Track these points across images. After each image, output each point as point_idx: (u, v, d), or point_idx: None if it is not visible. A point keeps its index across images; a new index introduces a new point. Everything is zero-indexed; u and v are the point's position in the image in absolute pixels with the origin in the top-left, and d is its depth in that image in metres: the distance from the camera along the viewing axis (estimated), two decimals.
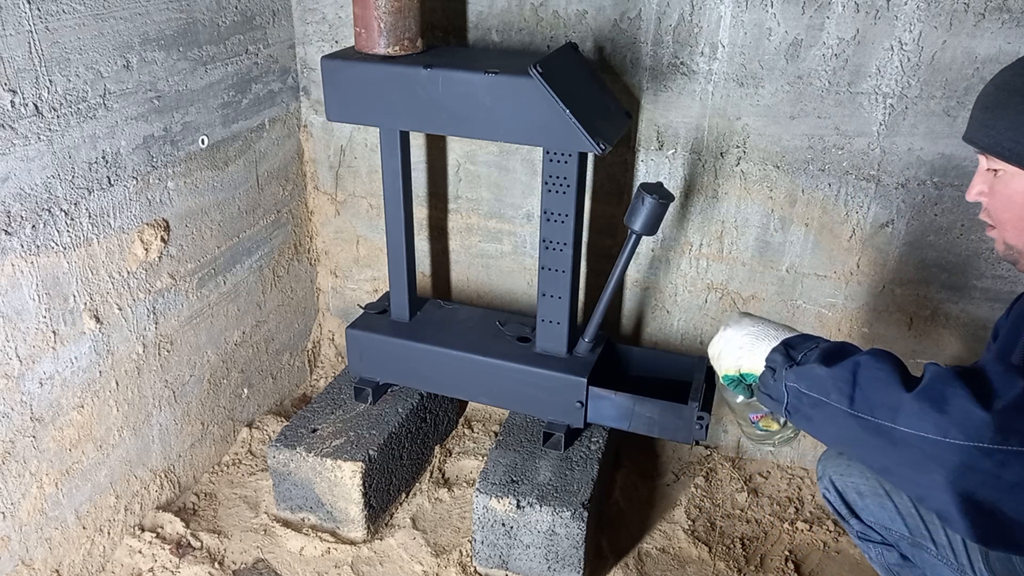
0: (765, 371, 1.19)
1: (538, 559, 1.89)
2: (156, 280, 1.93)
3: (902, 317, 2.03)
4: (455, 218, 2.36)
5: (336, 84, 1.82)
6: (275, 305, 2.43)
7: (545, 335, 1.98)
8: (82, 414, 1.80)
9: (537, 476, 1.91)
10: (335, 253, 2.57)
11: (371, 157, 2.37)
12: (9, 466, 1.65)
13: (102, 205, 1.74)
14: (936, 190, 1.88)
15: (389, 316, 2.15)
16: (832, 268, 2.04)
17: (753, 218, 2.06)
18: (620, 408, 1.90)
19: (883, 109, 1.84)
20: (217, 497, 2.19)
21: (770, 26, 1.85)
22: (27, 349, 1.64)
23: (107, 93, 1.70)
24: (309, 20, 2.25)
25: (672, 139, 2.05)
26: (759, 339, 1.23)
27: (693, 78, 1.96)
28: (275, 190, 2.32)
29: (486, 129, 1.75)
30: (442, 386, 2.11)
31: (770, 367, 1.18)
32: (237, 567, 1.97)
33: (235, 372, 2.30)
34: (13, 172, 1.53)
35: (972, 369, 1.00)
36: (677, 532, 2.11)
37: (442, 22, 2.10)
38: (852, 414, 1.04)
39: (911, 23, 1.75)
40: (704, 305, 2.21)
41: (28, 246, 1.59)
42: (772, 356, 1.18)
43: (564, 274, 1.90)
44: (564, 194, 1.81)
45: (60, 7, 1.55)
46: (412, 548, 2.03)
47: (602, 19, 1.97)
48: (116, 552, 1.97)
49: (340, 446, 2.00)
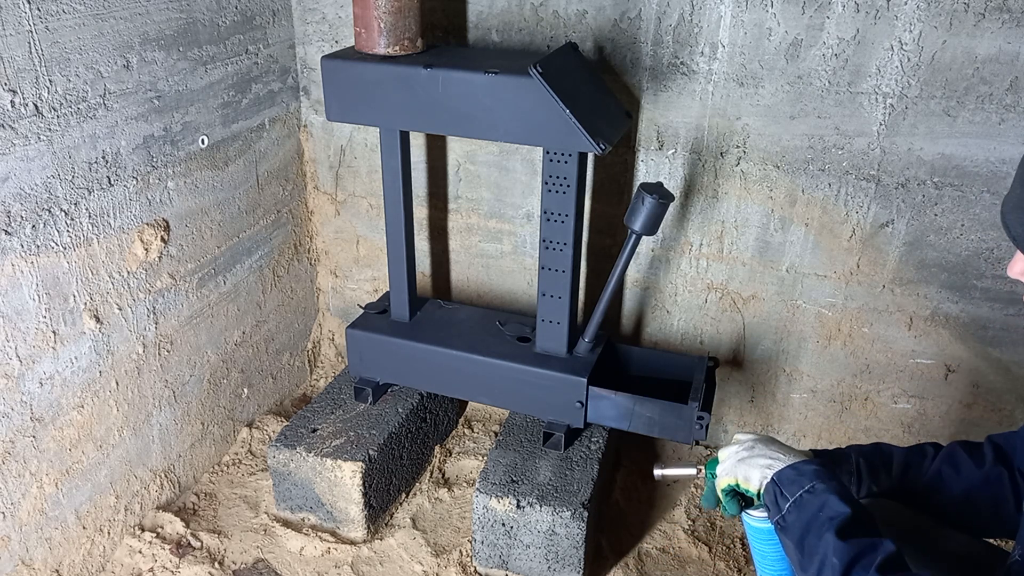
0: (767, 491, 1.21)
1: (538, 559, 1.89)
2: (156, 280, 1.93)
3: (902, 317, 2.03)
4: (455, 218, 2.36)
5: (336, 84, 1.82)
6: (275, 305, 2.43)
7: (545, 335, 1.98)
8: (82, 414, 1.80)
9: (537, 476, 1.91)
10: (335, 253, 2.57)
11: (371, 157, 2.37)
12: (9, 466, 1.65)
13: (102, 205, 1.74)
14: (936, 190, 1.88)
15: (389, 316, 2.15)
16: (832, 268, 2.04)
17: (753, 218, 2.06)
18: (620, 408, 1.90)
19: (883, 109, 1.84)
20: (217, 497, 2.19)
21: (770, 26, 1.85)
22: (27, 349, 1.64)
23: (107, 93, 1.70)
24: (309, 20, 2.25)
25: (672, 139, 2.05)
26: (753, 467, 1.24)
27: (693, 78, 1.96)
28: (275, 190, 2.32)
29: (486, 129, 1.75)
30: (442, 386, 2.11)
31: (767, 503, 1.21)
32: (237, 567, 1.97)
33: (235, 372, 2.30)
34: (13, 172, 1.53)
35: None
36: (677, 532, 2.11)
37: (442, 22, 2.10)
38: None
39: (911, 23, 1.75)
40: (704, 305, 2.21)
41: (28, 246, 1.59)
42: (767, 493, 1.20)
43: (564, 274, 1.90)
44: (564, 194, 1.81)
45: (60, 7, 1.55)
46: (412, 548, 2.03)
47: (602, 19, 1.97)
48: (116, 552, 1.97)
49: (340, 446, 2.00)
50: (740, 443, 1.29)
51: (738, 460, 1.26)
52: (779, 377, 2.23)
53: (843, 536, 1.06)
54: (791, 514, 1.14)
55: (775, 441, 1.28)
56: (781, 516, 1.15)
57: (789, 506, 1.14)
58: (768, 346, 2.20)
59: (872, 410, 2.16)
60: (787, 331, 2.16)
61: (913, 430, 2.15)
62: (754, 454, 1.25)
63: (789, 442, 2.31)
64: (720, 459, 1.31)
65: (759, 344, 2.21)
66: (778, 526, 1.17)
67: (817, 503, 1.11)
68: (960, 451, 1.32)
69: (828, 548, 1.06)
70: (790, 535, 1.13)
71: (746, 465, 1.24)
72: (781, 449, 1.25)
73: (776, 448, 1.25)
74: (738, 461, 1.26)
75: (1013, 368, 1.99)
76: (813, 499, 1.12)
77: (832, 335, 2.11)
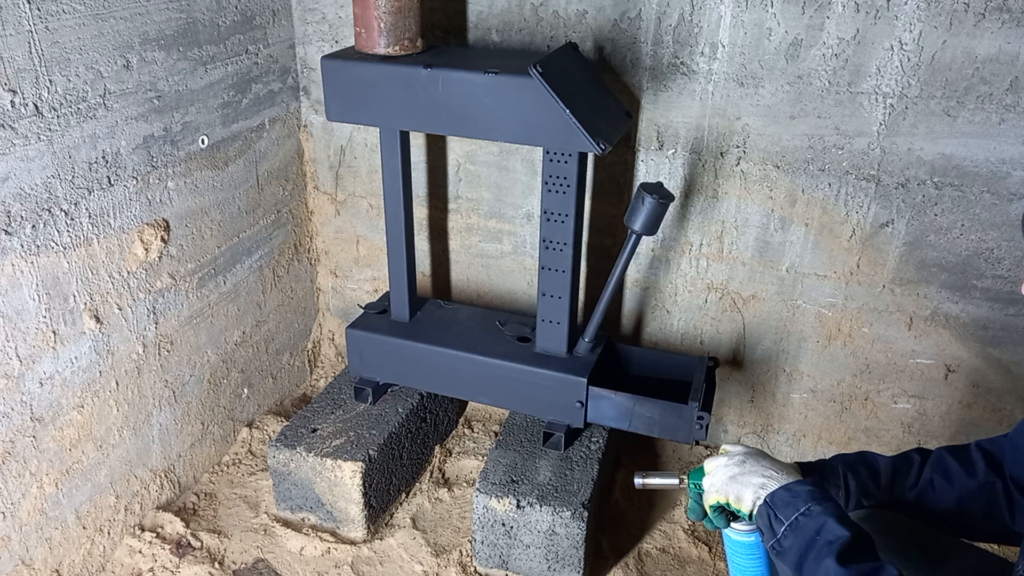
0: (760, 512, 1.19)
1: (538, 559, 1.89)
2: (156, 280, 1.93)
3: (902, 317, 2.03)
4: (455, 218, 2.36)
5: (336, 84, 1.82)
6: (275, 305, 2.43)
7: (545, 335, 1.98)
8: (82, 414, 1.80)
9: (537, 476, 1.91)
10: (335, 253, 2.57)
11: (371, 157, 2.37)
12: (9, 466, 1.65)
13: (102, 205, 1.74)
14: (936, 190, 1.88)
15: (389, 316, 2.15)
16: (832, 268, 2.04)
17: (753, 218, 2.06)
18: (620, 408, 1.90)
19: (883, 109, 1.84)
20: (217, 497, 2.19)
21: (770, 26, 1.85)
22: (27, 349, 1.64)
23: (107, 93, 1.70)
24: (309, 20, 2.25)
25: (672, 139, 2.05)
26: (745, 485, 1.21)
27: (693, 78, 1.96)
28: (275, 190, 2.32)
29: (486, 129, 1.75)
30: (442, 386, 2.11)
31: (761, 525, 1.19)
32: (237, 567, 1.97)
33: (235, 372, 2.30)
34: (13, 172, 1.53)
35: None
36: (677, 532, 2.11)
37: (442, 22, 2.10)
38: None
39: (911, 23, 1.75)
40: (704, 305, 2.21)
41: (28, 246, 1.59)
42: (760, 514, 1.18)
43: (564, 274, 1.90)
44: (564, 194, 1.81)
45: (60, 7, 1.55)
46: (412, 548, 2.03)
47: (602, 19, 1.97)
48: (116, 552, 1.97)
49: (340, 446, 2.00)
50: (729, 456, 1.26)
51: (728, 477, 1.22)
52: (779, 377, 2.23)
53: (843, 561, 1.03)
54: (787, 538, 1.11)
55: (765, 456, 1.25)
56: (777, 540, 1.12)
57: (784, 530, 1.11)
58: (768, 346, 2.20)
59: (872, 410, 2.16)
60: (787, 331, 2.16)
61: (913, 430, 2.15)
62: (745, 470, 1.21)
63: (789, 443, 2.31)
64: (707, 471, 1.27)
65: (759, 344, 2.21)
66: (774, 551, 1.14)
67: (814, 526, 1.09)
68: (949, 459, 1.30)
69: (829, 574, 1.04)
70: (787, 560, 1.11)
71: (738, 484, 1.20)
72: (773, 465, 1.22)
73: (768, 464, 1.22)
74: (729, 479, 1.22)
75: (1013, 368, 1.99)
76: (810, 522, 1.10)
77: (832, 335, 2.11)
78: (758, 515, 1.17)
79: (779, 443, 2.32)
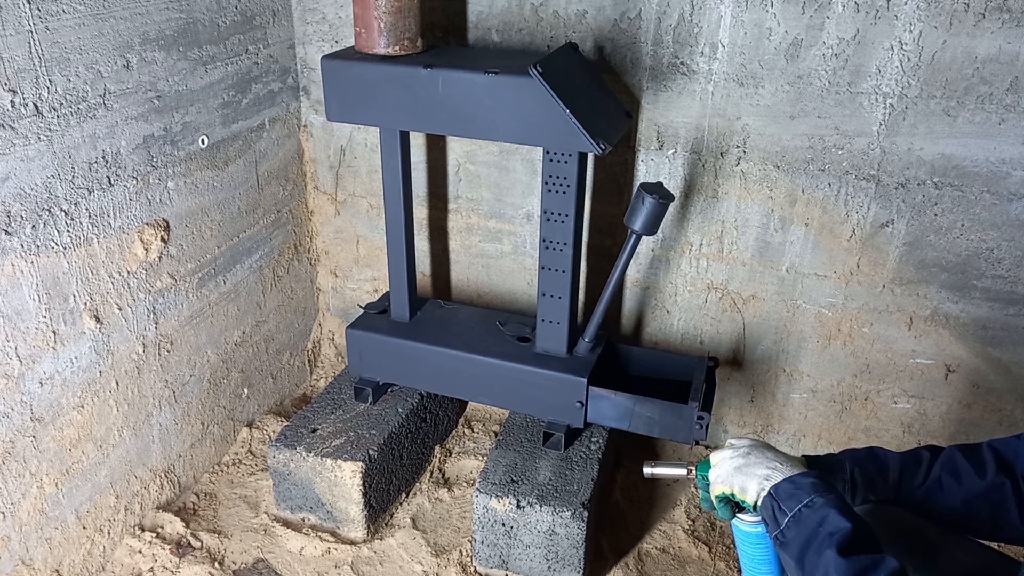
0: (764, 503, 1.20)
1: (538, 559, 1.89)
2: (156, 280, 1.93)
3: (902, 317, 2.03)
4: (455, 218, 2.36)
5: (336, 84, 1.82)
6: (275, 305, 2.43)
7: (545, 335, 1.98)
8: (82, 414, 1.80)
9: (537, 476, 1.91)
10: (335, 253, 2.57)
11: (371, 157, 2.37)
12: (9, 466, 1.65)
13: (102, 205, 1.74)
14: (936, 190, 1.88)
15: (389, 316, 2.15)
16: (832, 268, 2.04)
17: (753, 218, 2.06)
18: (620, 408, 1.90)
19: (883, 109, 1.84)
20: (217, 497, 2.19)
21: (770, 26, 1.85)
22: (27, 349, 1.64)
23: (107, 93, 1.70)
24: (309, 20, 2.25)
25: (672, 139, 2.05)
26: (750, 477, 1.22)
27: (693, 78, 1.96)
28: (275, 190, 2.32)
29: (486, 129, 1.75)
30: (442, 386, 2.11)
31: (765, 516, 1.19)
32: (237, 567, 1.97)
33: (235, 372, 2.30)
34: (13, 172, 1.53)
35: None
36: (677, 532, 2.11)
37: (442, 22, 2.10)
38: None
39: (911, 23, 1.75)
40: (704, 305, 2.21)
41: (28, 246, 1.59)
42: (764, 507, 1.19)
43: (564, 274, 1.90)
44: (564, 194, 1.81)
45: (60, 7, 1.55)
46: (412, 548, 2.03)
47: (602, 19, 1.97)
48: (116, 552, 1.97)
49: (340, 446, 2.00)
50: (735, 448, 1.27)
51: (734, 468, 1.24)
52: (779, 377, 2.23)
53: (845, 553, 1.04)
54: (790, 529, 1.12)
55: (770, 448, 1.26)
56: (780, 531, 1.13)
57: (788, 521, 1.12)
58: (768, 346, 2.20)
59: (872, 410, 2.16)
60: (787, 331, 2.16)
61: (913, 430, 2.15)
62: (750, 462, 1.23)
63: (789, 442, 2.31)
64: (713, 463, 1.29)
65: (759, 344, 2.21)
66: (777, 542, 1.15)
67: (816, 518, 1.10)
68: (960, 458, 1.30)
69: (829, 565, 1.04)
70: (790, 551, 1.12)
71: (743, 475, 1.22)
72: (777, 457, 1.23)
73: (772, 456, 1.23)
74: (734, 470, 1.24)
75: (1013, 368, 1.99)
76: (812, 514, 1.10)
77: (832, 335, 2.11)
78: (762, 506, 1.18)
79: (779, 443, 2.32)
